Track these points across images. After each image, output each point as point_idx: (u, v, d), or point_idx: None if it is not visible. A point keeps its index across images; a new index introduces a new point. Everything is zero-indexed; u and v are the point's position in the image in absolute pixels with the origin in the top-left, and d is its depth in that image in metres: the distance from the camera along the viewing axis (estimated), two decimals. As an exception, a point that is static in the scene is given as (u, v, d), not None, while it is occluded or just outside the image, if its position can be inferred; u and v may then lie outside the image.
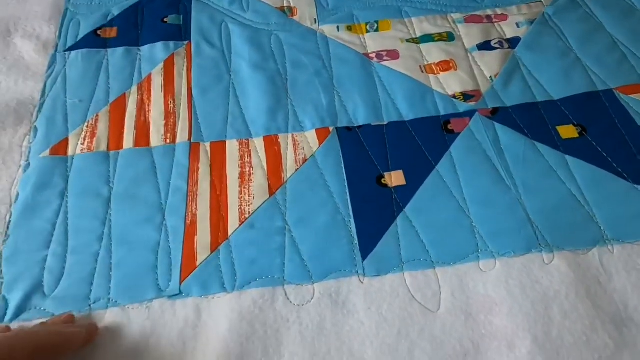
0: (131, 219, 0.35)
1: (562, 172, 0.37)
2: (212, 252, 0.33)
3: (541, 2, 0.50)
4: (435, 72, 0.44)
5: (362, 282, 0.31)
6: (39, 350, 0.26)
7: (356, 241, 0.33)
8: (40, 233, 0.34)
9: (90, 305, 0.31)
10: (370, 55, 0.46)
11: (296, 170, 0.37)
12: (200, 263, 0.33)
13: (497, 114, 0.41)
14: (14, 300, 0.31)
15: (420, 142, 0.39)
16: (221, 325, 0.30)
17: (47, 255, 0.33)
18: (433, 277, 0.31)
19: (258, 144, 0.39)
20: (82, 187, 0.36)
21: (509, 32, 0.47)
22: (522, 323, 0.29)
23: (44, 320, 0.30)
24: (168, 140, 0.40)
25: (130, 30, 0.48)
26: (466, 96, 0.42)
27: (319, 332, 0.29)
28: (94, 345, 0.29)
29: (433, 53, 0.45)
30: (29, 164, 0.38)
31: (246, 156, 0.39)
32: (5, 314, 0.31)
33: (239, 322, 0.29)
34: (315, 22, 0.49)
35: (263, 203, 0.35)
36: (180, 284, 0.32)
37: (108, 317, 0.30)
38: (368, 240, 0.33)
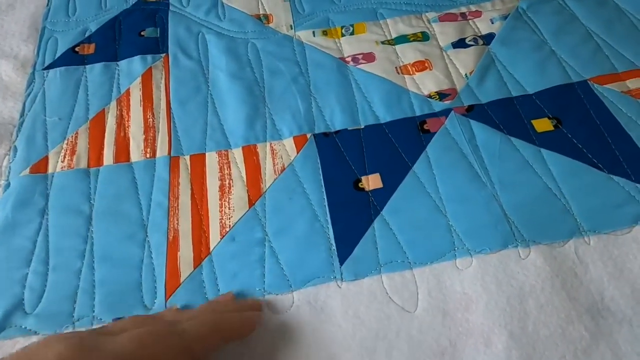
0: (113, 236, 0.35)
1: (537, 165, 0.37)
2: (195, 268, 0.34)
3: (515, -4, 0.50)
4: (411, 72, 0.44)
5: (340, 287, 0.31)
6: (229, 335, 0.28)
7: (334, 247, 0.33)
8: (20, 251, 0.34)
9: (74, 323, 0.31)
10: (347, 59, 0.46)
11: (275, 179, 0.38)
12: (184, 279, 0.33)
13: (473, 111, 0.41)
14: (-4, 319, 0.31)
15: (397, 144, 0.39)
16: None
17: (27, 273, 0.33)
18: (410, 277, 0.31)
19: (237, 154, 0.40)
20: (63, 205, 0.37)
21: (484, 28, 0.48)
22: (498, 319, 0.29)
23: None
24: (148, 155, 0.40)
25: (108, 46, 0.49)
26: (442, 95, 0.42)
27: (298, 339, 0.29)
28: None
29: (408, 54, 0.46)
30: (9, 183, 0.38)
31: (225, 168, 0.39)
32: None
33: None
34: (291, 28, 0.49)
35: (243, 215, 0.36)
36: (166, 300, 0.32)
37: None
38: (345, 245, 0.33)
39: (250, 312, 0.30)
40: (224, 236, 0.35)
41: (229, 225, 0.35)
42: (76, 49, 0.48)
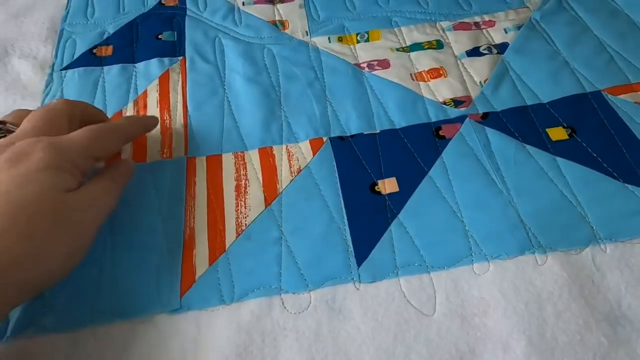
0: (130, 235, 0.35)
1: (552, 173, 0.37)
2: (210, 265, 0.34)
3: (528, 7, 0.51)
4: (426, 79, 0.45)
5: (358, 289, 0.31)
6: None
7: (351, 248, 0.34)
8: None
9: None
10: (362, 65, 0.47)
11: (291, 181, 0.38)
12: (199, 277, 0.33)
13: (488, 119, 0.41)
14: (14, 316, 0.31)
15: (413, 149, 0.39)
16: (220, 337, 0.30)
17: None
18: (428, 281, 0.31)
19: (253, 156, 0.40)
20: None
21: (497, 38, 0.48)
22: (517, 324, 0.29)
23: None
24: (165, 155, 0.40)
25: (126, 48, 0.49)
26: (457, 102, 0.43)
27: (316, 339, 0.29)
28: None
29: (423, 61, 0.46)
30: (28, 182, 0.38)
31: (242, 169, 0.39)
32: (5, 330, 0.31)
33: (237, 333, 0.30)
34: (307, 34, 0.50)
35: (259, 214, 0.36)
36: (181, 298, 0.32)
37: (115, 330, 0.30)
38: (363, 247, 0.34)
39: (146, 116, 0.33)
40: (239, 234, 0.35)
41: (245, 224, 0.35)
42: (94, 50, 0.49)
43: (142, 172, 0.39)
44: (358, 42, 0.49)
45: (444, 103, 0.43)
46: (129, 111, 0.44)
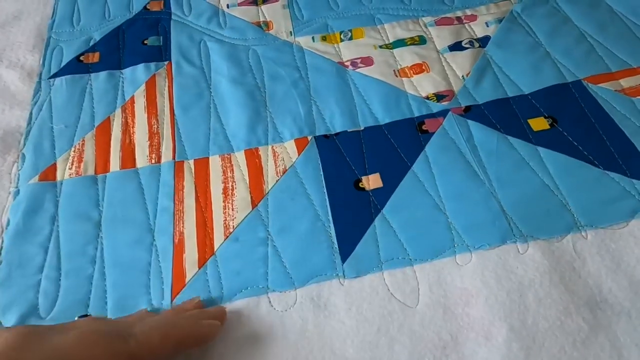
0: (122, 241, 0.36)
1: (534, 163, 0.38)
2: (199, 268, 0.34)
3: (509, 0, 0.52)
4: (409, 75, 0.45)
5: (343, 284, 0.32)
6: (182, 343, 0.28)
7: (336, 245, 0.34)
8: (33, 258, 0.35)
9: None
10: (345, 63, 0.47)
11: (277, 181, 0.39)
12: (189, 280, 0.34)
13: (470, 112, 0.42)
14: (9, 323, 0.32)
15: (396, 144, 0.40)
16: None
17: (40, 279, 0.34)
18: (411, 274, 0.32)
19: (239, 158, 0.41)
20: (73, 212, 0.38)
21: (479, 31, 0.49)
22: (498, 313, 0.29)
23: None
24: (153, 161, 0.41)
25: (112, 54, 0.50)
26: (439, 96, 0.43)
27: (301, 335, 0.30)
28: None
29: (406, 57, 0.47)
30: (18, 190, 0.39)
31: (228, 171, 0.40)
32: None
33: (225, 332, 0.30)
34: (291, 35, 0.50)
35: (246, 216, 0.37)
36: (172, 301, 0.33)
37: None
38: (347, 243, 0.34)
39: (209, 321, 0.29)
40: (227, 236, 0.36)
41: (233, 226, 0.36)
42: (81, 57, 0.50)
43: (131, 179, 0.40)
44: (342, 40, 0.49)
45: (427, 98, 0.43)
46: (117, 117, 0.44)
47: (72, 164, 0.41)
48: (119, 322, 0.29)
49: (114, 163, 0.41)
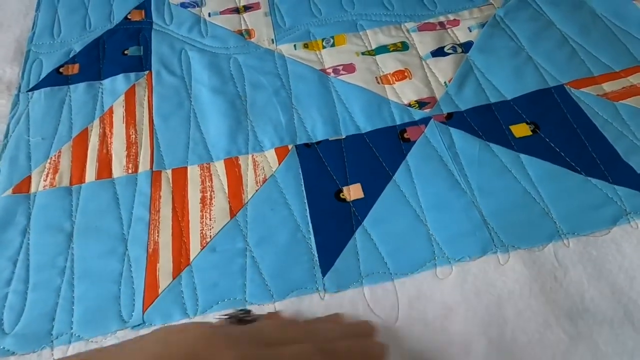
0: (93, 252, 0.35)
1: (516, 170, 0.37)
2: (174, 279, 0.34)
3: (492, 4, 0.51)
4: (391, 82, 0.45)
5: (323, 299, 0.31)
6: None
7: (316, 258, 0.34)
8: (1, 271, 0.34)
9: (52, 341, 0.31)
10: (328, 70, 0.47)
11: (257, 190, 0.38)
12: (162, 290, 0.33)
13: (452, 119, 0.41)
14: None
15: (378, 153, 0.40)
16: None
17: (7, 293, 0.33)
18: (391, 289, 0.31)
19: (219, 167, 0.40)
20: (44, 223, 0.37)
21: (462, 36, 0.48)
22: (477, 327, 0.29)
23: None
24: (130, 170, 0.40)
25: (92, 65, 0.49)
26: (421, 104, 0.43)
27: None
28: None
29: (388, 63, 0.46)
30: (-9, 204, 0.38)
31: (207, 180, 0.39)
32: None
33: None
34: (273, 42, 0.50)
35: (224, 226, 0.36)
36: (143, 313, 0.32)
37: (71, 352, 0.30)
38: (328, 256, 0.34)
39: (371, 340, 0.25)
40: (204, 247, 0.35)
41: (210, 236, 0.35)
42: (60, 69, 0.49)
43: (106, 189, 0.39)
44: (324, 47, 0.49)
45: (409, 105, 0.43)
46: (95, 128, 0.44)
47: (47, 176, 0.40)
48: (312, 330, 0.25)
49: (90, 174, 0.40)
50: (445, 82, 0.44)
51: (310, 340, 0.23)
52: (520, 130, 0.40)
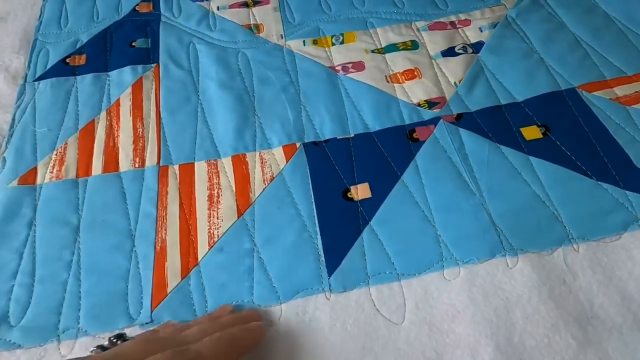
0: (100, 247, 0.35)
1: (526, 173, 0.37)
2: (182, 279, 0.33)
3: (504, 5, 0.51)
4: (401, 81, 0.45)
5: (329, 299, 0.31)
6: (241, 353, 0.27)
7: (323, 258, 0.33)
8: (7, 264, 0.34)
9: (59, 335, 0.31)
10: (336, 67, 0.46)
11: (264, 189, 0.38)
12: (171, 290, 0.33)
13: (462, 120, 0.41)
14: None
15: (386, 152, 0.39)
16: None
17: (13, 286, 0.33)
18: (398, 289, 0.31)
19: (226, 164, 0.40)
20: (51, 216, 0.37)
21: (473, 36, 0.48)
22: (484, 330, 0.29)
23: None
24: (137, 165, 0.40)
25: (99, 57, 0.49)
26: (431, 103, 0.42)
27: (286, 352, 0.29)
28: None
29: (398, 62, 0.46)
30: (-4, 195, 0.38)
31: (214, 177, 0.39)
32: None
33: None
34: (282, 38, 0.49)
35: (232, 225, 0.36)
36: (152, 311, 0.32)
37: (77, 347, 0.30)
38: (334, 256, 0.33)
39: (254, 324, 0.29)
40: (212, 246, 0.35)
41: (218, 235, 0.35)
42: (67, 60, 0.49)
43: (113, 183, 0.39)
44: (333, 44, 0.48)
45: (418, 105, 0.43)
46: (102, 120, 0.43)
47: (53, 168, 0.40)
48: (167, 340, 0.27)
49: (96, 167, 0.40)
50: (455, 83, 0.44)
51: (171, 346, 0.25)
52: (531, 132, 0.40)
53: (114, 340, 0.28)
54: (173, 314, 0.32)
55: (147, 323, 0.31)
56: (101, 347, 0.28)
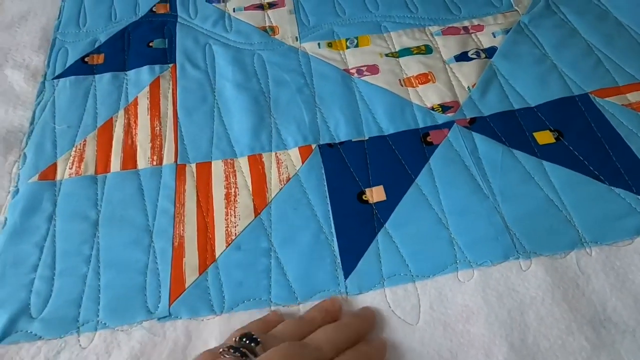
0: (119, 242, 0.36)
1: (539, 177, 0.37)
2: (200, 274, 0.34)
3: (517, 11, 0.51)
4: (414, 85, 0.45)
5: (345, 301, 0.32)
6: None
7: (339, 260, 0.34)
8: (27, 257, 0.35)
9: (79, 328, 0.32)
10: (351, 70, 0.47)
11: (280, 189, 0.38)
12: (189, 285, 0.34)
13: (475, 124, 0.41)
14: (0, 323, 0.32)
15: (400, 156, 0.40)
16: (211, 347, 0.30)
17: (34, 279, 0.34)
18: (413, 290, 0.32)
19: (243, 163, 0.40)
20: (70, 211, 0.37)
21: (486, 42, 0.48)
22: (499, 331, 0.29)
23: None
24: (154, 163, 0.41)
25: (117, 56, 0.50)
26: (444, 107, 0.43)
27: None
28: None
29: (412, 66, 0.47)
30: (17, 189, 0.39)
31: (231, 176, 0.39)
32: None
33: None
34: (297, 40, 0.50)
35: (249, 224, 0.36)
36: (170, 306, 0.33)
37: (97, 339, 0.31)
38: (350, 258, 0.34)
39: (381, 342, 0.29)
40: (229, 244, 0.35)
41: (235, 234, 0.36)
42: (86, 59, 0.49)
43: (131, 180, 0.39)
44: (348, 47, 0.49)
45: (432, 109, 0.43)
46: (120, 119, 0.44)
47: (73, 164, 0.41)
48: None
49: (115, 164, 0.41)
50: (468, 87, 0.44)
51: None
52: (544, 137, 0.40)
53: (245, 341, 0.27)
54: (191, 309, 0.32)
55: (165, 317, 0.32)
56: (233, 348, 0.26)
